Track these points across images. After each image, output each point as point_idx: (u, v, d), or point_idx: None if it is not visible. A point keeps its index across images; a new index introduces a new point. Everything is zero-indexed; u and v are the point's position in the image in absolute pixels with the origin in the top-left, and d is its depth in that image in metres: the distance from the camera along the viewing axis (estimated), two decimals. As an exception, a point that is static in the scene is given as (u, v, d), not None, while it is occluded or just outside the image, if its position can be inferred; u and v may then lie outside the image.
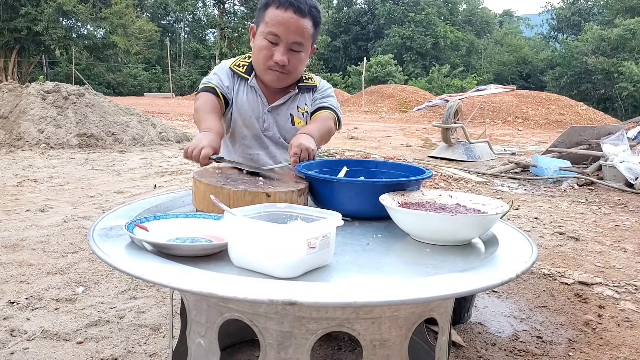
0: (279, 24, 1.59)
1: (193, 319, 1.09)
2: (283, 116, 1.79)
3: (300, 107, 1.81)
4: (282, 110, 1.79)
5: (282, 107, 1.79)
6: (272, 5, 1.59)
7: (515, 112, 16.32)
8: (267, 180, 1.35)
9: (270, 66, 1.65)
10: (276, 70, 1.66)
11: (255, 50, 1.68)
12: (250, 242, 0.93)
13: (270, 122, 1.78)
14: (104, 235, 1.09)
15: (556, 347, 1.74)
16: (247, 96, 1.76)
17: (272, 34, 1.60)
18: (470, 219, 1.14)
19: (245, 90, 1.77)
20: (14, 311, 1.84)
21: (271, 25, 1.59)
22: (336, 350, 1.64)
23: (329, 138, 1.82)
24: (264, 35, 1.61)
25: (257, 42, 1.66)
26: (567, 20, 41.71)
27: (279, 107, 1.78)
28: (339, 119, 1.85)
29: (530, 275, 2.43)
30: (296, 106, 1.80)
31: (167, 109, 17.27)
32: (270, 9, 1.60)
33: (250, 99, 1.77)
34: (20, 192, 3.92)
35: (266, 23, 1.61)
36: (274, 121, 1.79)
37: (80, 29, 29.32)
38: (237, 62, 1.81)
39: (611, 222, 3.69)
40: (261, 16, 1.63)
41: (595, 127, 6.73)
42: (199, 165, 1.45)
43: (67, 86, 7.62)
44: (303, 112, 1.81)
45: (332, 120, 1.79)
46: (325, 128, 1.73)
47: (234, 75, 1.78)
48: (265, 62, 1.65)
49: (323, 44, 39.32)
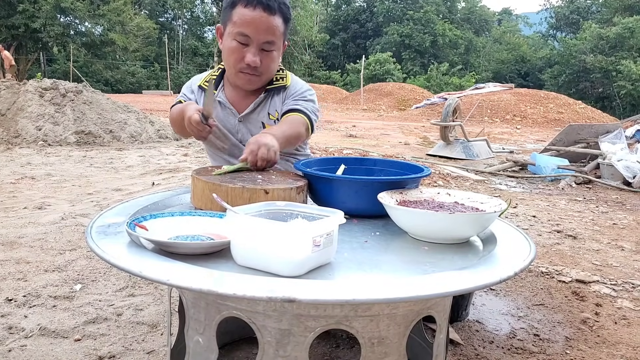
0: (248, 24, 1.52)
1: (191, 317, 1.09)
2: (255, 124, 1.70)
3: (271, 114, 1.70)
4: (252, 118, 1.70)
5: (252, 114, 1.70)
6: (239, 3, 1.52)
7: (513, 111, 16.34)
8: (265, 178, 1.35)
9: (242, 69, 1.58)
10: (248, 72, 1.59)
11: (225, 53, 1.60)
12: (255, 241, 0.93)
13: (244, 132, 1.70)
14: (101, 233, 1.09)
15: (553, 345, 1.74)
16: (217, 111, 1.69)
17: (242, 35, 1.53)
18: (468, 217, 1.14)
19: (215, 105, 1.69)
20: (12, 308, 1.84)
21: (240, 25, 1.52)
22: (334, 348, 1.65)
23: (296, 144, 1.69)
24: (233, 36, 1.54)
25: (226, 44, 1.58)
26: (566, 19, 41.73)
27: (249, 115, 1.69)
28: (312, 125, 1.68)
29: (528, 273, 2.43)
30: (267, 113, 1.70)
31: (166, 106, 17.24)
32: (237, 8, 1.52)
33: (220, 113, 1.70)
34: (17, 190, 3.91)
35: (234, 23, 1.53)
36: (247, 130, 1.70)
37: (78, 26, 29.25)
38: (207, 78, 1.75)
39: (609, 220, 3.70)
40: (228, 15, 1.56)
41: (593, 126, 6.74)
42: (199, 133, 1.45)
43: (65, 83, 7.60)
44: (275, 119, 1.70)
45: (304, 125, 1.63)
46: (293, 132, 1.58)
47: (201, 91, 1.74)
48: (237, 65, 1.58)
49: (322, 41, 39.28)
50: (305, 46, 38.22)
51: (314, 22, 42.01)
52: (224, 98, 1.70)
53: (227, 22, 1.57)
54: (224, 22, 1.59)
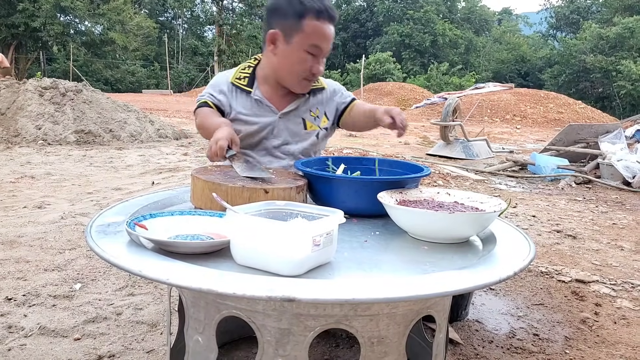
0: (322, 37, 1.55)
1: (191, 316, 1.09)
2: (294, 121, 1.74)
3: (312, 111, 1.77)
4: (293, 114, 1.74)
5: (294, 112, 1.74)
6: (309, 15, 1.51)
7: (513, 110, 16.33)
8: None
9: (307, 77, 1.63)
10: (309, 79, 1.65)
11: (291, 61, 1.59)
12: (255, 240, 0.93)
13: (281, 129, 1.73)
14: (101, 232, 1.09)
15: (553, 345, 1.74)
16: (250, 108, 1.71)
17: (316, 47, 1.56)
18: (468, 217, 1.14)
19: (249, 103, 1.71)
20: (12, 307, 1.84)
21: (314, 38, 1.54)
22: (334, 347, 1.65)
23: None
24: (305, 47, 1.55)
25: (295, 54, 1.57)
26: (566, 19, 41.71)
27: (290, 112, 1.73)
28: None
29: (528, 273, 2.43)
30: (308, 110, 1.76)
31: (165, 105, 17.24)
32: (309, 20, 1.52)
33: (255, 110, 1.71)
34: (17, 189, 3.91)
35: (307, 35, 1.53)
36: (284, 127, 1.73)
37: (78, 25, 29.23)
38: (237, 75, 1.74)
39: (608, 220, 3.70)
40: (295, 25, 1.53)
41: (593, 126, 6.75)
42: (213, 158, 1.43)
43: (64, 82, 7.59)
44: (315, 116, 1.77)
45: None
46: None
47: (234, 88, 1.73)
48: (304, 74, 1.61)
49: (322, 41, 39.23)
50: (305, 46, 38.22)
51: (314, 22, 41.98)
52: (261, 95, 1.71)
53: (293, 32, 1.54)
54: (287, 30, 1.56)
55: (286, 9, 1.54)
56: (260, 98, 1.70)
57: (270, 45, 1.61)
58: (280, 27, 1.57)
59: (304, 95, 1.74)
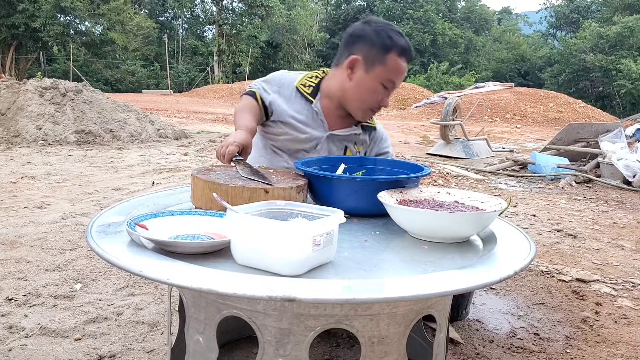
0: (398, 73, 1.61)
1: (191, 316, 1.09)
2: (338, 145, 1.76)
3: (357, 144, 1.81)
4: (339, 139, 1.76)
5: (342, 137, 1.76)
6: (393, 51, 1.57)
7: (513, 110, 16.33)
8: (265, 177, 1.35)
9: (374, 107, 1.67)
10: (375, 110, 1.69)
11: (364, 91, 1.63)
12: (255, 240, 0.93)
13: (324, 146, 1.75)
14: (102, 232, 1.09)
15: (553, 344, 1.74)
16: (306, 117, 1.72)
17: (391, 82, 1.61)
18: (468, 217, 1.14)
19: (306, 111, 1.72)
20: (12, 308, 1.84)
21: (392, 74, 1.59)
22: (334, 347, 1.65)
23: None
24: (382, 80, 1.60)
25: (369, 83, 1.61)
26: (566, 18, 41.68)
27: (339, 135, 1.75)
28: None
29: (528, 272, 2.43)
30: (354, 142, 1.80)
31: (166, 105, 17.24)
32: (392, 55, 1.57)
33: (309, 120, 1.72)
34: (18, 189, 3.91)
35: (388, 69, 1.58)
36: (327, 146, 1.75)
37: (78, 25, 29.20)
38: (303, 81, 1.75)
39: (609, 219, 3.70)
40: (379, 57, 1.58)
41: (593, 125, 6.74)
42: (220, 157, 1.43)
43: (65, 83, 7.59)
44: (357, 151, 1.81)
45: None
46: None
47: (297, 93, 1.73)
48: (372, 104, 1.65)
49: (321, 41, 39.25)
50: (305, 45, 38.19)
51: (313, 22, 41.98)
52: (319, 108, 1.72)
53: (375, 63, 1.59)
54: (369, 60, 1.59)
55: (374, 40, 1.58)
56: (318, 111, 1.72)
57: (348, 70, 1.63)
58: (362, 55, 1.60)
59: (357, 126, 1.77)
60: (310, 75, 1.78)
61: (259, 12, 34.73)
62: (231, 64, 34.60)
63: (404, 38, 1.60)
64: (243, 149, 1.44)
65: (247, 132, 1.52)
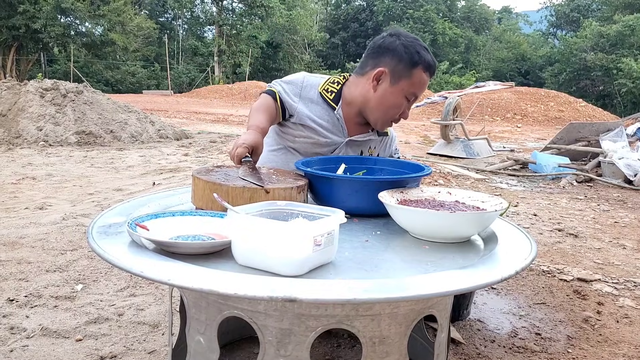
0: (423, 88, 1.64)
1: (192, 317, 1.09)
2: (355, 150, 1.80)
3: (372, 148, 1.85)
4: (356, 144, 1.79)
5: (359, 142, 1.79)
6: (420, 66, 1.59)
7: (514, 109, 16.31)
8: (266, 177, 1.35)
9: (394, 119, 1.69)
10: (396, 122, 1.72)
11: (388, 103, 1.65)
12: (256, 241, 0.93)
13: (342, 151, 1.77)
14: (102, 233, 1.09)
15: (555, 344, 1.74)
16: (327, 122, 1.73)
17: (414, 95, 1.64)
18: (469, 216, 1.14)
19: (327, 117, 1.73)
20: (13, 309, 1.84)
21: (417, 88, 1.63)
22: (335, 347, 1.65)
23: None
24: (406, 93, 1.63)
25: (394, 96, 1.64)
26: (566, 17, 41.64)
27: (356, 141, 1.78)
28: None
29: (529, 272, 2.43)
30: (369, 146, 1.84)
31: (166, 106, 17.24)
32: (418, 70, 1.60)
33: (331, 126, 1.74)
34: (19, 190, 3.92)
35: (412, 83, 1.61)
36: (344, 151, 1.78)
37: (78, 26, 29.21)
38: (326, 87, 1.76)
39: (610, 218, 3.70)
40: (405, 71, 1.60)
41: (594, 124, 6.74)
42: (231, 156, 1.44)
43: (65, 84, 7.59)
44: (370, 154, 1.85)
45: None
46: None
47: (320, 99, 1.74)
48: (393, 116, 1.68)
49: (321, 41, 39.25)
50: (305, 45, 38.19)
51: (313, 22, 41.98)
52: (341, 114, 1.74)
53: (402, 77, 1.61)
54: (396, 74, 1.61)
55: (402, 54, 1.60)
56: (340, 117, 1.74)
57: (374, 82, 1.64)
58: (389, 68, 1.62)
59: (373, 131, 1.80)
60: (333, 81, 1.79)
61: (259, 12, 34.73)
62: (231, 64, 34.60)
63: (430, 54, 1.63)
64: (253, 150, 1.44)
65: (258, 132, 1.52)
